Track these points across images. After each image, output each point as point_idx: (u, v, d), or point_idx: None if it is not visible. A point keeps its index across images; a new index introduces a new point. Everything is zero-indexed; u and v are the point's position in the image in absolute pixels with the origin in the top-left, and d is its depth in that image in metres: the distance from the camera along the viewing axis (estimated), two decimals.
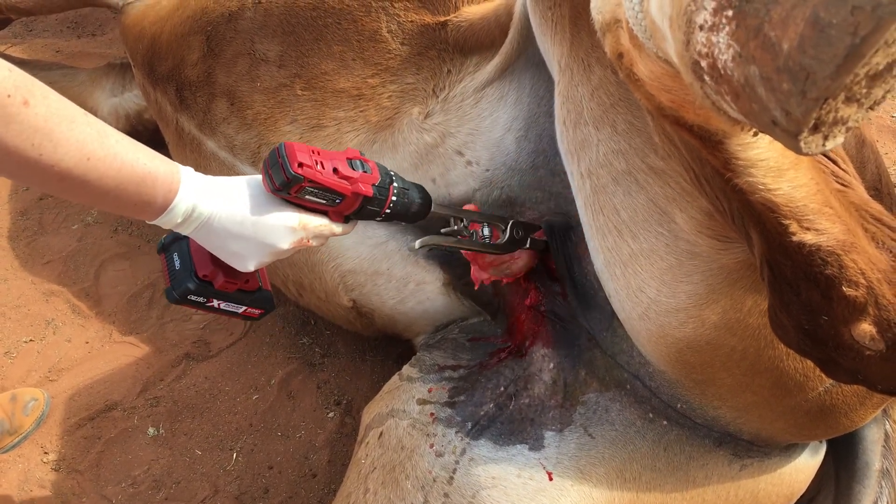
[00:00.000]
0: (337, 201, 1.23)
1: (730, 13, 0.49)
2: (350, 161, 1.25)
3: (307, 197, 1.19)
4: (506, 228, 1.51)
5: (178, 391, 2.11)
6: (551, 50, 1.32)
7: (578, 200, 1.33)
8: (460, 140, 1.58)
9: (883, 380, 0.88)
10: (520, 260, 1.56)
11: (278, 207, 1.18)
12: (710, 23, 0.51)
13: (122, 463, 1.95)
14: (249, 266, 1.19)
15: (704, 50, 0.53)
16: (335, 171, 1.21)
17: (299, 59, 1.66)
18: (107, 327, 2.28)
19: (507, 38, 1.50)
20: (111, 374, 2.14)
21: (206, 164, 1.90)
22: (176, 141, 2.02)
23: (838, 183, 0.99)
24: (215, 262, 1.22)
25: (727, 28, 0.49)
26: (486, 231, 1.52)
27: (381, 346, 2.25)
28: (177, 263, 1.22)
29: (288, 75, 1.68)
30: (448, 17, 1.54)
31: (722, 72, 0.52)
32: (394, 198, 1.31)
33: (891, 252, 0.86)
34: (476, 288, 1.64)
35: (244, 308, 1.28)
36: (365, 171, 1.25)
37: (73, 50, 3.30)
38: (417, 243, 1.44)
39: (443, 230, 1.48)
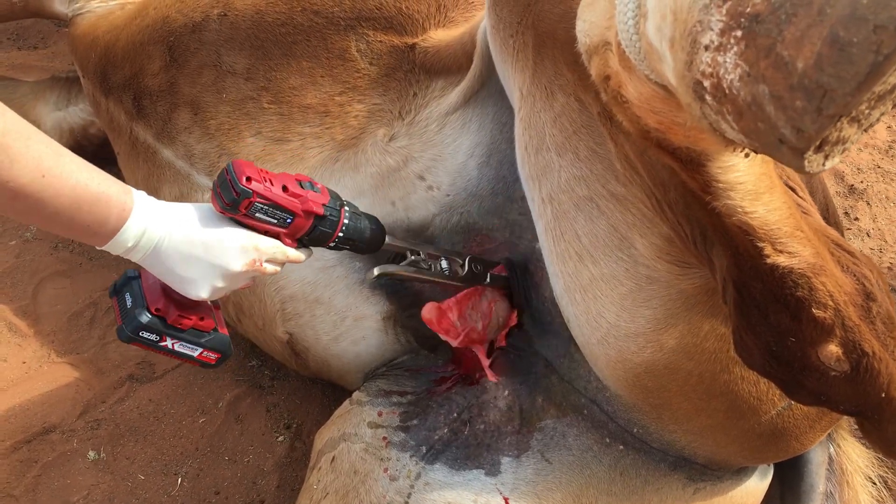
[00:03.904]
0: (288, 221, 1.24)
1: (739, 33, 0.51)
2: (299, 182, 1.27)
3: (257, 215, 1.20)
4: (463, 263, 1.52)
5: (121, 413, 2.04)
6: (512, 77, 1.34)
7: (539, 226, 1.35)
8: (423, 165, 1.59)
9: (845, 400, 0.91)
10: (500, 303, 1.57)
11: (229, 227, 1.19)
12: (716, 43, 0.53)
13: (60, 488, 1.87)
14: (202, 292, 1.18)
15: (709, 70, 0.54)
16: (284, 188, 1.23)
17: (267, 73, 1.65)
18: (45, 347, 2.19)
19: (472, 66, 1.51)
20: (49, 396, 2.05)
21: (159, 173, 1.87)
22: (128, 150, 1.97)
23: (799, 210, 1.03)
24: (168, 296, 1.21)
25: (735, 48, 0.51)
26: (445, 264, 1.53)
27: None
28: (128, 302, 1.21)
29: (255, 88, 1.66)
30: (416, 40, 1.55)
31: (727, 91, 0.53)
32: (346, 220, 1.32)
33: (853, 276, 0.90)
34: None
35: (199, 351, 1.26)
36: (314, 191, 1.28)
37: (14, 62, 3.20)
38: (376, 270, 1.44)
39: (402, 263, 1.48)
